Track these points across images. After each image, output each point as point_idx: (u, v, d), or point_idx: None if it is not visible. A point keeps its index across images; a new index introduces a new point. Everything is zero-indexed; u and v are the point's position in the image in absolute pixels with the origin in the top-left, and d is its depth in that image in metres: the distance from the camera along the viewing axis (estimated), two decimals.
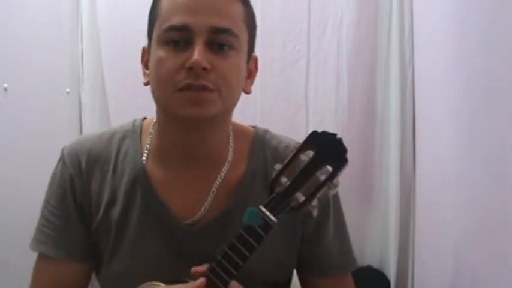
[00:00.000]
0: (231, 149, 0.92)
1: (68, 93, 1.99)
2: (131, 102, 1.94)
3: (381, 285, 1.95)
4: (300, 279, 1.01)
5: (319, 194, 0.75)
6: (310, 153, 0.74)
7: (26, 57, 1.69)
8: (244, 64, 0.88)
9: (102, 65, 2.02)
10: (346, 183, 1.87)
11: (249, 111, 1.91)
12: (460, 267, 1.26)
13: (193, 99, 0.80)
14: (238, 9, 0.86)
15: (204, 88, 0.80)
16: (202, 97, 0.81)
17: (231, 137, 0.93)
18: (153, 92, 0.87)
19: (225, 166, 0.91)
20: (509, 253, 0.98)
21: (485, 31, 1.10)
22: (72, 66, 2.03)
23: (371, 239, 2.02)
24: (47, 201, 0.93)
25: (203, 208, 0.89)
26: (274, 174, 0.75)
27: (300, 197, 0.75)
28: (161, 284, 0.79)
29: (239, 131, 0.96)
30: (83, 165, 0.91)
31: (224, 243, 0.80)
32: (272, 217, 0.74)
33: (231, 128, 0.94)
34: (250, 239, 0.74)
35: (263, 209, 0.74)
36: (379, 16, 1.96)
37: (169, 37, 0.82)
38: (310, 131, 0.75)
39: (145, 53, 0.91)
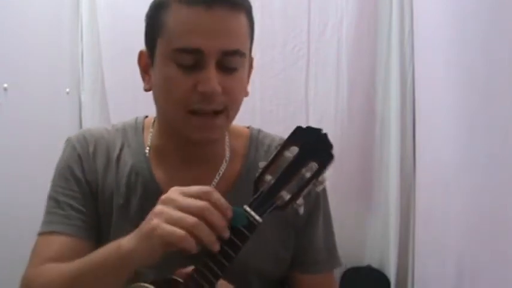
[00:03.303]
0: (227, 149, 0.95)
1: (68, 93, 1.99)
2: (131, 102, 1.94)
3: (381, 285, 1.95)
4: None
5: (305, 192, 0.73)
6: (295, 149, 0.72)
7: (26, 57, 1.69)
8: (246, 76, 0.91)
9: (102, 65, 2.03)
10: (346, 183, 1.90)
11: (249, 111, 1.91)
12: (460, 267, 1.26)
13: (204, 126, 0.84)
14: (244, 24, 0.87)
15: (214, 112, 0.83)
16: (213, 123, 0.84)
17: (227, 137, 0.96)
18: (161, 108, 0.90)
19: (222, 165, 0.93)
20: (509, 253, 0.98)
21: (485, 31, 1.10)
22: (72, 66, 2.03)
23: (371, 239, 2.02)
24: (54, 185, 0.93)
25: None
26: (258, 172, 0.73)
27: (285, 196, 0.73)
28: (150, 286, 0.78)
29: (235, 131, 0.98)
30: (91, 148, 0.93)
31: None
32: (257, 217, 0.72)
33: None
34: (235, 239, 0.72)
35: (247, 208, 0.72)
36: (379, 16, 1.96)
37: (181, 59, 0.82)
38: None
39: (143, 56, 0.91)
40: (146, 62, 0.90)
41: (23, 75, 1.66)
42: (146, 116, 1.00)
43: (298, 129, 0.73)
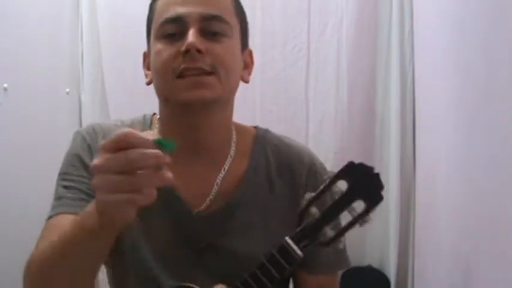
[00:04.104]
0: (233, 145, 0.95)
1: (68, 93, 1.99)
2: (131, 102, 1.94)
3: (381, 285, 1.95)
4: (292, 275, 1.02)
5: (349, 230, 0.72)
6: (344, 184, 0.70)
7: (26, 57, 1.69)
8: (238, 51, 0.91)
9: (102, 65, 2.03)
10: None
11: (249, 111, 1.91)
12: (460, 267, 1.26)
13: (193, 83, 0.83)
14: (226, 0, 0.90)
15: (201, 71, 0.83)
16: (201, 80, 0.83)
17: (233, 134, 0.96)
18: (155, 85, 0.90)
19: (227, 161, 0.93)
20: (509, 253, 0.97)
21: (485, 31, 1.10)
22: (72, 66, 2.03)
23: (371, 239, 2.02)
24: (62, 174, 0.92)
25: (208, 199, 0.91)
26: (304, 203, 0.72)
27: (329, 232, 0.72)
28: None
29: (241, 129, 0.99)
30: (100, 139, 0.93)
31: (228, 233, 0.85)
32: (298, 251, 0.72)
33: (233, 125, 0.97)
34: (273, 270, 0.72)
35: (289, 241, 0.72)
36: (379, 16, 1.96)
37: (165, 31, 0.86)
38: (310, 131, 0.74)
39: (146, 57, 0.95)
40: (148, 60, 0.93)
41: (23, 75, 1.67)
42: (154, 113, 1.00)
43: (350, 165, 0.71)
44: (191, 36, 0.82)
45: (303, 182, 0.93)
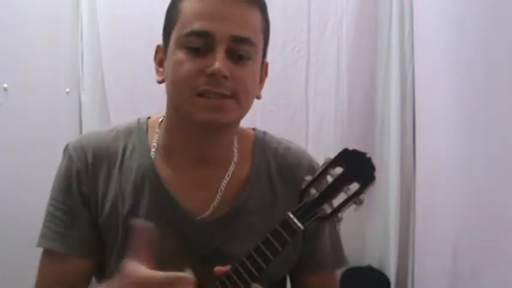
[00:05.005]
0: (235, 150, 0.95)
1: (68, 93, 1.99)
2: (131, 102, 1.94)
3: (381, 285, 1.95)
4: (290, 276, 1.03)
5: (345, 208, 0.78)
6: (340, 169, 0.78)
7: (26, 57, 1.69)
8: (259, 72, 0.91)
9: (102, 65, 2.02)
10: None
11: (249, 111, 1.91)
12: (460, 267, 1.26)
13: (212, 106, 0.82)
14: (257, 17, 0.88)
15: (222, 95, 0.82)
16: (221, 104, 0.83)
17: (235, 139, 0.96)
18: (169, 93, 0.89)
19: (231, 166, 0.94)
20: (509, 253, 0.97)
21: (485, 31, 1.10)
22: (72, 66, 2.03)
23: (371, 239, 2.02)
24: (51, 198, 0.93)
25: (212, 206, 0.91)
26: (304, 184, 0.78)
27: (327, 209, 0.78)
28: None
29: (241, 133, 0.99)
30: (90, 159, 0.91)
31: (232, 238, 0.86)
32: (299, 224, 0.76)
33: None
34: (276, 243, 0.76)
35: (291, 215, 0.77)
36: (379, 16, 1.96)
37: (190, 42, 0.83)
38: (310, 131, 0.77)
39: (160, 51, 0.92)
40: (161, 56, 0.91)
41: (23, 75, 1.66)
42: (149, 117, 0.99)
43: (345, 151, 0.78)
44: (219, 61, 0.80)
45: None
